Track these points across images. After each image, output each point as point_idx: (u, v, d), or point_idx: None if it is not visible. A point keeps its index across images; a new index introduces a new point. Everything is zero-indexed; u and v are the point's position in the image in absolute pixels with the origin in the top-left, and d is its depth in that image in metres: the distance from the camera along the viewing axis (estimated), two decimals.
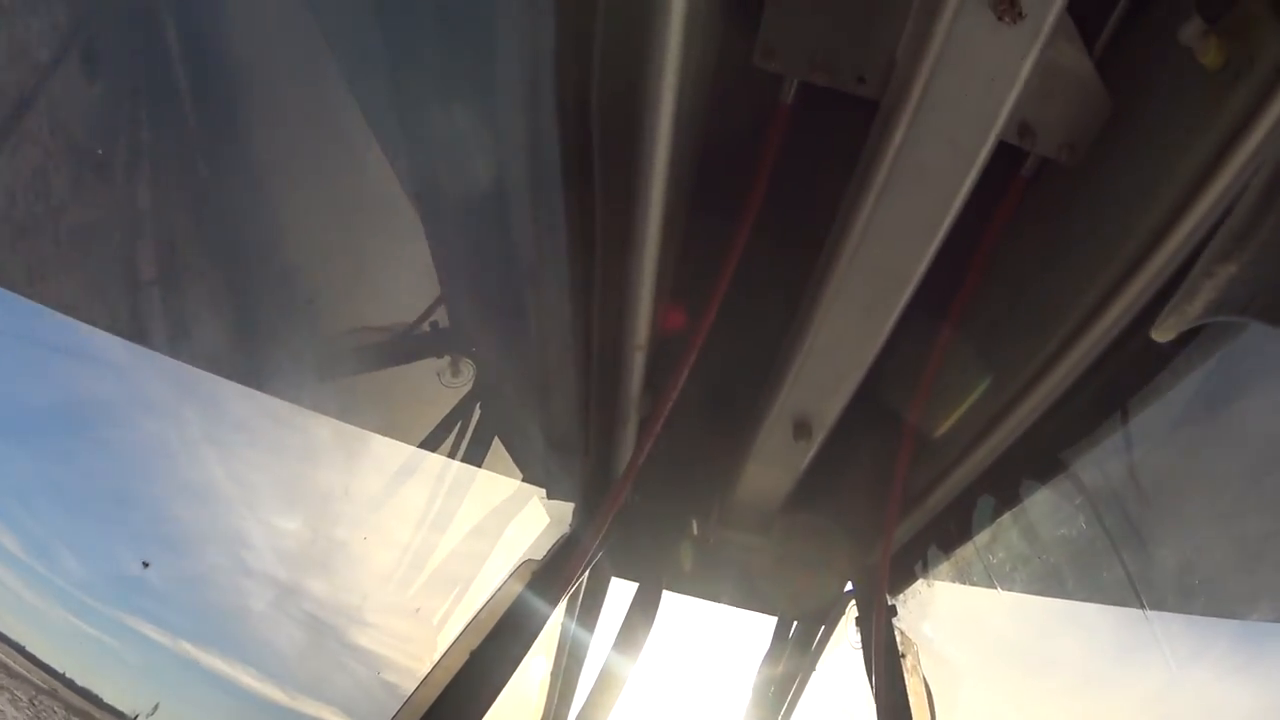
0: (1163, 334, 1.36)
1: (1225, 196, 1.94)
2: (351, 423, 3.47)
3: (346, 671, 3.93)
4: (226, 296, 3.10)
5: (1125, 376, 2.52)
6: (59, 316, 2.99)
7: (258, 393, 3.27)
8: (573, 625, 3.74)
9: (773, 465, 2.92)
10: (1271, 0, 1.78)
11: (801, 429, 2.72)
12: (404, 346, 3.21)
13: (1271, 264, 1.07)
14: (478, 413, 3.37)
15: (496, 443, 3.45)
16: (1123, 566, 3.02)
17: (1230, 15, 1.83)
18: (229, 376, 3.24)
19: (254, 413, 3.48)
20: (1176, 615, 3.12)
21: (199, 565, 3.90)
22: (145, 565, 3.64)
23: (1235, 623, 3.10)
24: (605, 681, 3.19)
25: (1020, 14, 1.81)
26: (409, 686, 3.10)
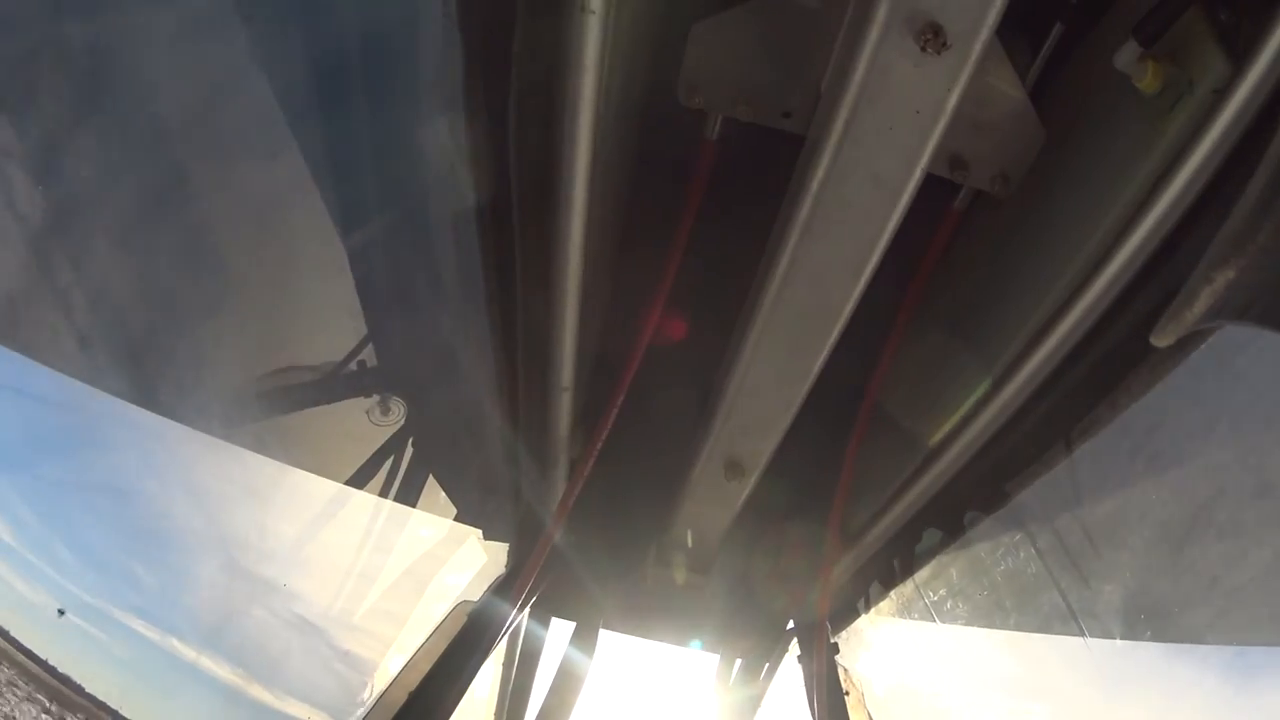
0: (1162, 339, 1.33)
1: (1165, 222, 1.90)
2: (280, 460, 3.41)
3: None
4: (150, 329, 3.03)
5: (1067, 406, 2.49)
6: None
7: (180, 426, 3.20)
8: (514, 665, 3.69)
9: (708, 504, 2.88)
10: (1210, 22, 1.76)
11: (734, 469, 2.68)
12: (332, 385, 3.16)
13: (1269, 269, 1.05)
14: (409, 451, 3.31)
15: (431, 482, 3.39)
16: (1061, 596, 3.00)
17: (1167, 39, 1.81)
18: (156, 411, 3.18)
19: (175, 448, 3.41)
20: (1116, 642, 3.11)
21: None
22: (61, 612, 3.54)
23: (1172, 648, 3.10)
24: None
25: (945, 44, 1.77)
26: None
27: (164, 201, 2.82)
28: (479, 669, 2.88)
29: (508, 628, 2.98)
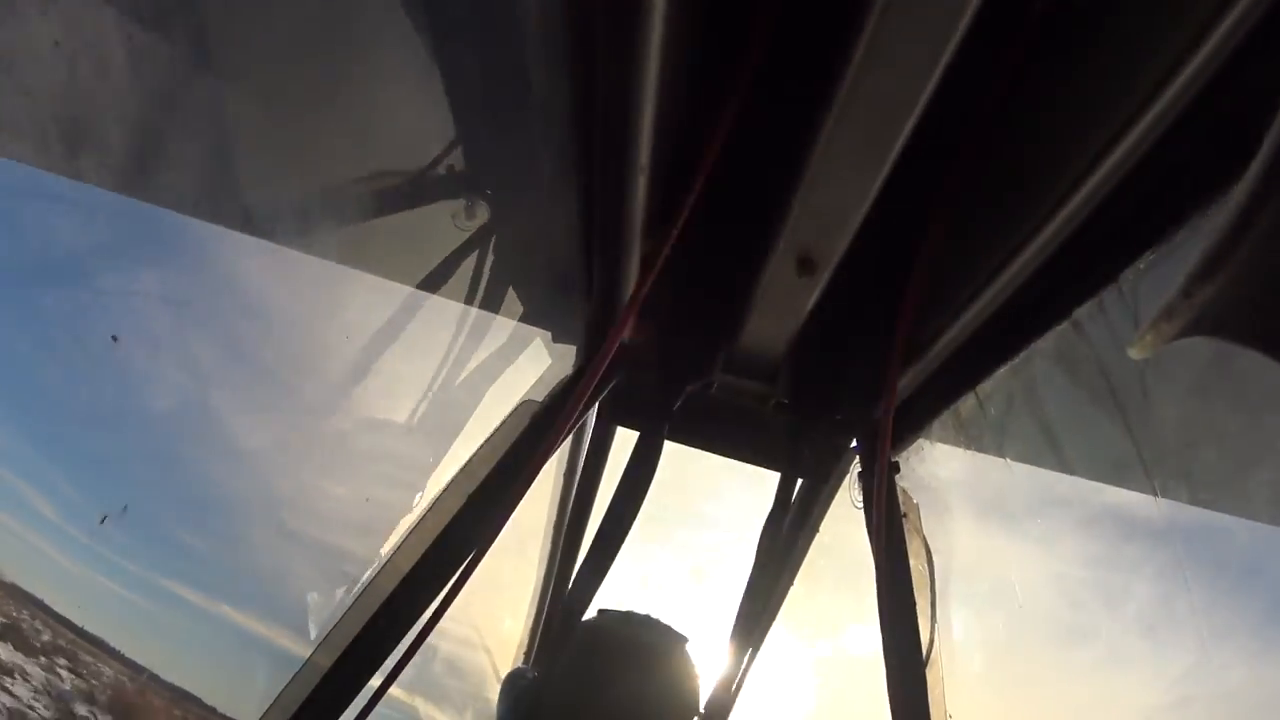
0: (1140, 352, 1.33)
1: (1230, 39, 1.83)
2: (364, 269, 3.48)
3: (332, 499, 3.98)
4: (228, 137, 3.09)
5: (1138, 219, 2.45)
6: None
7: (264, 241, 3.27)
8: (575, 473, 3.75)
9: (777, 305, 2.88)
10: None
11: (805, 264, 2.67)
12: (418, 189, 3.20)
13: (1247, 286, 1.05)
14: (491, 256, 3.35)
15: (506, 285, 3.44)
16: (1131, 438, 2.99)
17: None
18: (231, 226, 3.25)
19: (265, 262, 3.49)
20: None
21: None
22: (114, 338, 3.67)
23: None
24: (607, 530, 3.18)
25: None
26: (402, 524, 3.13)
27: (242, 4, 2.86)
28: (539, 471, 2.94)
29: (570, 428, 3.01)
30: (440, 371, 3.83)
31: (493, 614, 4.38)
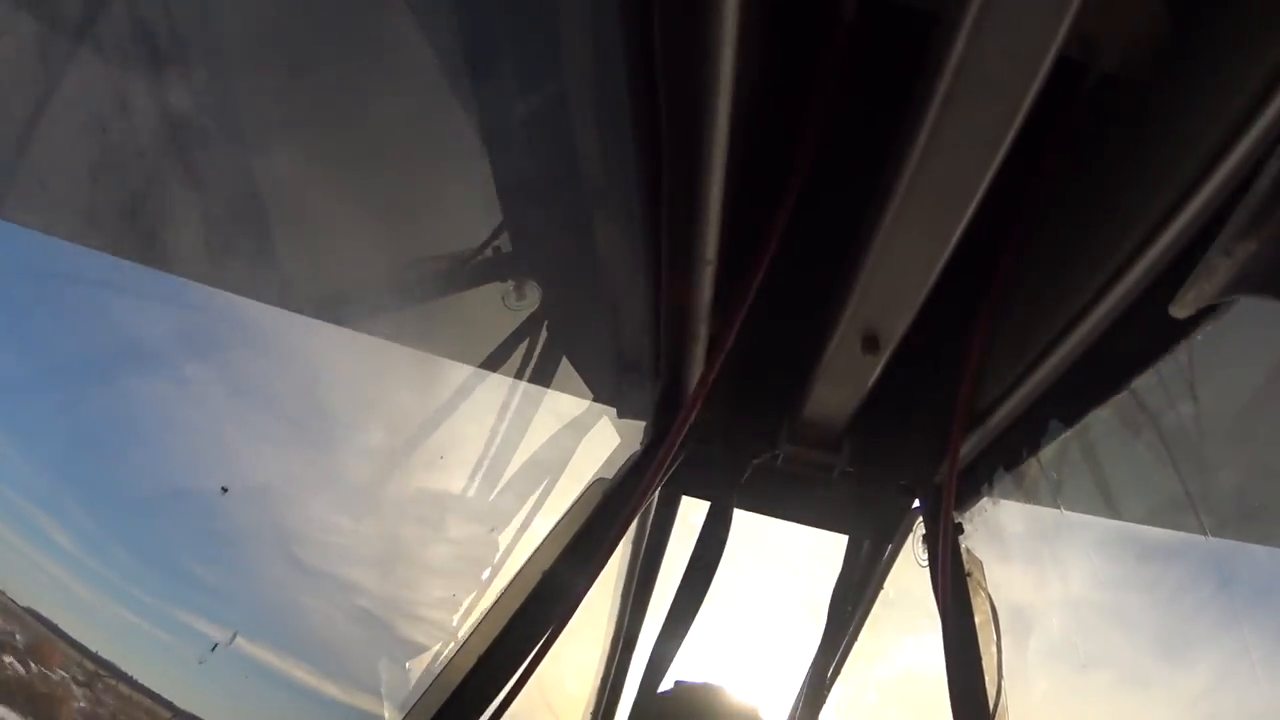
0: (1181, 310, 1.36)
1: None
2: (419, 348, 3.55)
3: (421, 590, 4.03)
4: (286, 224, 3.16)
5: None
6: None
7: (323, 323, 3.35)
8: (644, 544, 3.80)
9: (841, 380, 2.94)
10: None
11: (869, 343, 2.74)
12: (467, 272, 3.26)
13: None
14: (544, 334, 3.41)
15: (564, 364, 3.49)
16: (1185, 490, 3.03)
17: None
18: (286, 307, 3.32)
19: (324, 343, 3.56)
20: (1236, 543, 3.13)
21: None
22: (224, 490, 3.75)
23: None
24: (680, 600, 3.21)
25: None
26: (483, 603, 3.18)
27: (301, 91, 2.94)
28: (615, 547, 2.99)
29: (643, 504, 3.07)
30: (508, 449, 3.88)
31: (558, 675, 4.40)
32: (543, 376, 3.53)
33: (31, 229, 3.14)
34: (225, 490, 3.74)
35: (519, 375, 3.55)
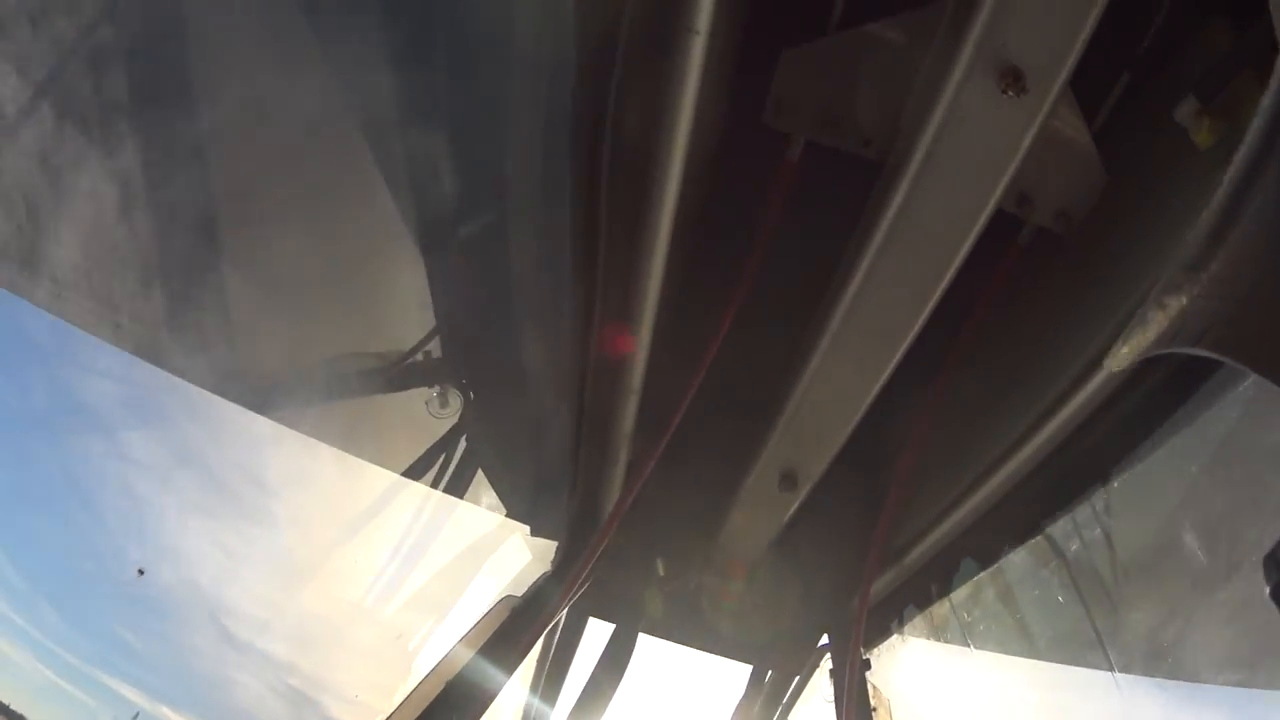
0: (1117, 364, 1.37)
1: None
2: (338, 446, 3.48)
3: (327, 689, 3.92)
4: (217, 314, 3.10)
5: (1109, 444, 2.54)
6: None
7: (248, 412, 3.28)
8: (547, 663, 3.73)
9: (757, 514, 2.94)
10: (1261, 84, 1.81)
11: (788, 480, 2.75)
12: (396, 374, 3.22)
13: (1221, 297, 1.09)
14: (463, 445, 3.37)
15: (480, 476, 3.44)
16: (1094, 629, 3.04)
17: (1224, 96, 1.87)
18: (224, 395, 3.25)
19: (241, 434, 3.48)
20: (1143, 678, 3.14)
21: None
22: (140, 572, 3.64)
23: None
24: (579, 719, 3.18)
25: (1024, 88, 1.85)
26: (384, 709, 3.10)
27: (234, 188, 2.90)
28: (519, 665, 2.94)
29: (549, 626, 3.03)
30: (417, 561, 3.81)
31: None
32: (458, 488, 3.48)
33: None
34: (141, 573, 3.62)
35: (435, 484, 3.49)
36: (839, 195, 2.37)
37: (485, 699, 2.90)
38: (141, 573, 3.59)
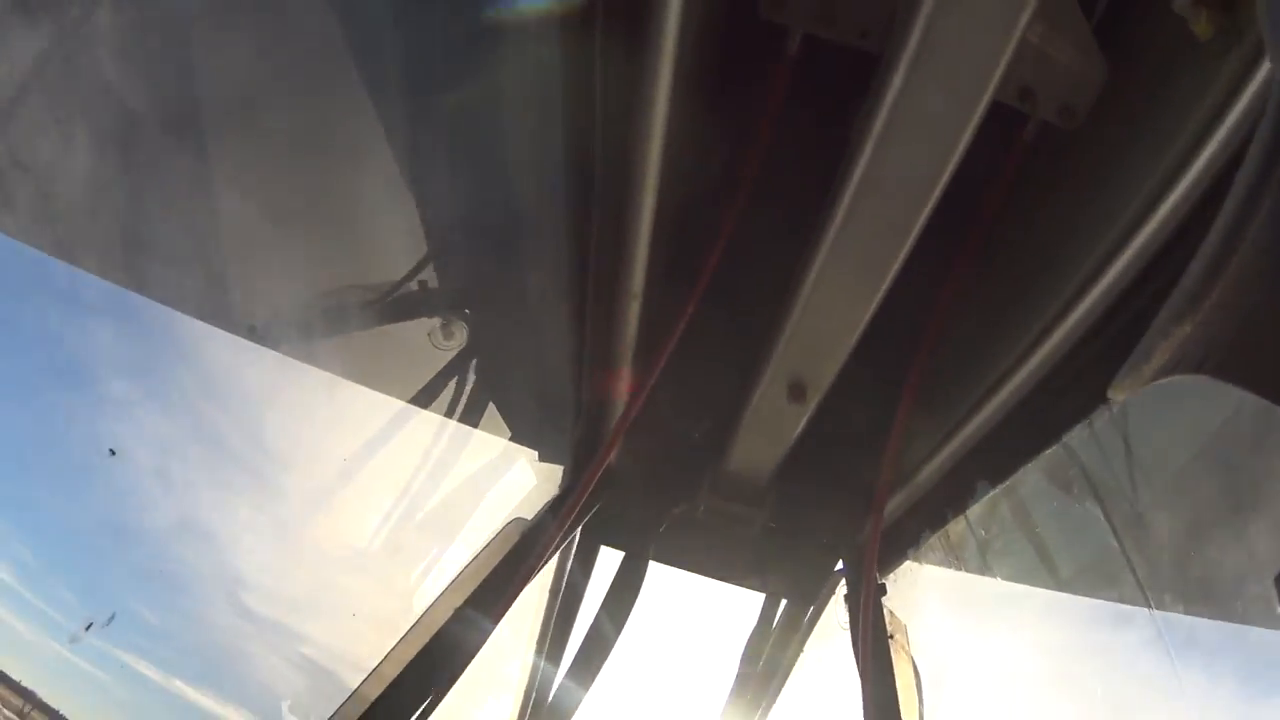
0: (1119, 393, 1.34)
1: (1216, 161, 1.92)
2: (345, 376, 3.47)
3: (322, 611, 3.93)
4: (215, 245, 3.09)
5: (1118, 346, 2.48)
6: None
7: (248, 343, 3.27)
8: (560, 590, 3.71)
9: (766, 430, 2.89)
10: None
11: (796, 391, 2.69)
12: (395, 305, 3.20)
13: (1223, 324, 1.07)
14: (471, 374, 3.35)
15: (489, 404, 3.42)
16: (1125, 557, 2.98)
17: None
18: (222, 326, 3.24)
19: (245, 363, 3.48)
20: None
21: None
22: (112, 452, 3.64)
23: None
24: (589, 649, 3.18)
25: None
26: (389, 640, 3.09)
27: (231, 117, 2.88)
28: (524, 588, 2.91)
29: (555, 548, 2.99)
30: (428, 486, 3.80)
31: None
32: (467, 416, 3.45)
33: None
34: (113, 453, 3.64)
35: (447, 414, 3.47)
36: (840, 92, 2.32)
37: (493, 623, 2.87)
38: (113, 452, 3.60)
